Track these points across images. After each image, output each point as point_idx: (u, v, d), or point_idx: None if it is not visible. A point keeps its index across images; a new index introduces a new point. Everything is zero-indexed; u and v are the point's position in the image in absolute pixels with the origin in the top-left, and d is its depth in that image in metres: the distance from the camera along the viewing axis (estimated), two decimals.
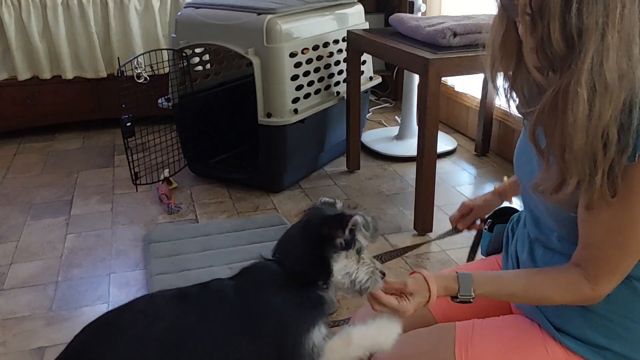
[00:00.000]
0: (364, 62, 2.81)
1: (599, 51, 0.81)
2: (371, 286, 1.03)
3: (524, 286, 1.05)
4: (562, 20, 0.81)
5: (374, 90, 3.66)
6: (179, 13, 2.70)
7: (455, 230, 1.38)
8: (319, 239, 1.01)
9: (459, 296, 1.03)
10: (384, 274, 1.05)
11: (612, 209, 0.88)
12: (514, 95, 1.01)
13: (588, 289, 0.96)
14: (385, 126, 3.48)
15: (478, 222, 1.38)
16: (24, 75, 3.24)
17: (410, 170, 2.72)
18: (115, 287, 1.96)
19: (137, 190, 2.68)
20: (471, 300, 1.04)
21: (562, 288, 1.00)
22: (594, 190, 0.86)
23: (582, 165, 0.85)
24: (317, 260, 1.02)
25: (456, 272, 1.03)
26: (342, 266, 1.02)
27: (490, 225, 1.32)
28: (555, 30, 0.81)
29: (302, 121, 2.51)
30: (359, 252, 1.04)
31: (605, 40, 0.80)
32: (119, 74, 2.48)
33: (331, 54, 2.73)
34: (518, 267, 1.14)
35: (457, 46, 2.15)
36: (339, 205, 1.12)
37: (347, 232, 1.00)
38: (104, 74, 3.33)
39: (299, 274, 1.03)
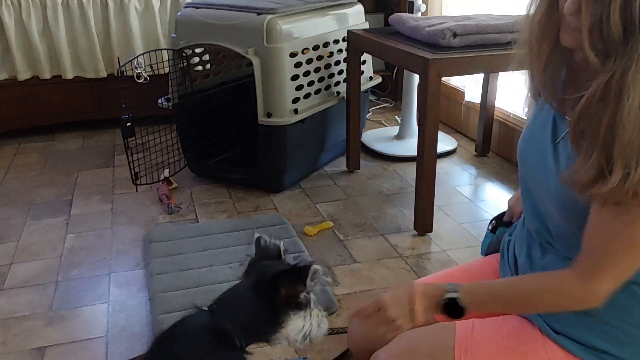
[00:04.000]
0: (364, 62, 2.81)
1: None
2: (319, 335, 1.01)
3: (514, 284, 1.04)
4: (624, 3, 0.77)
5: (374, 90, 3.66)
6: (179, 13, 2.70)
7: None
8: (274, 300, 0.95)
9: (446, 291, 1.00)
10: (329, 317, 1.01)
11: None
12: (543, 81, 0.97)
13: (577, 284, 0.92)
14: (385, 126, 3.48)
15: None
16: (24, 75, 3.24)
17: (410, 170, 2.72)
18: (115, 287, 1.96)
19: (137, 190, 2.68)
20: (457, 298, 0.99)
21: (549, 285, 0.97)
22: (630, 186, 0.82)
23: (628, 159, 0.81)
24: (266, 321, 0.97)
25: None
26: (298, 325, 0.98)
27: (494, 226, 1.32)
28: (616, 11, 0.78)
29: (302, 121, 2.51)
30: (312, 305, 1.00)
31: None
32: (119, 74, 2.48)
33: (331, 54, 2.73)
34: (516, 269, 1.13)
35: (457, 46, 2.15)
36: (281, 245, 1.04)
37: (308, 284, 0.94)
38: (104, 74, 3.33)
39: (230, 335, 0.96)
